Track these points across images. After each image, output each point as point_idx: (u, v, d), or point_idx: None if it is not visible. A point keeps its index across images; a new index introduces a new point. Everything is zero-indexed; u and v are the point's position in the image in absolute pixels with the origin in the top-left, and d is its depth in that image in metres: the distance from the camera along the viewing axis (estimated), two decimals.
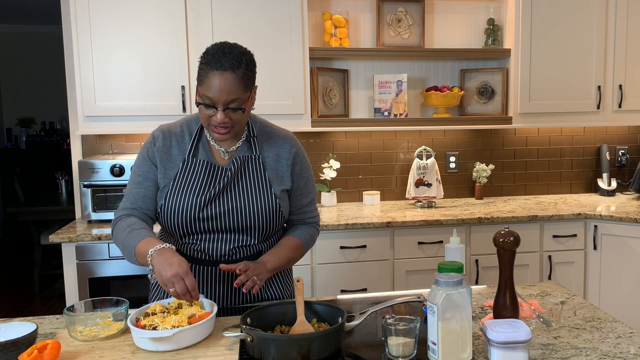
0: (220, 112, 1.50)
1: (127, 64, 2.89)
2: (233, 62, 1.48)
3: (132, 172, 1.66)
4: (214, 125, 1.53)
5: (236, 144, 1.65)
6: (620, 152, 3.73)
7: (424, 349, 1.30)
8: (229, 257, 1.64)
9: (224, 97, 1.48)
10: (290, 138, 1.73)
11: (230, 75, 1.47)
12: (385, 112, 3.29)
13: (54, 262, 5.06)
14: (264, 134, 1.70)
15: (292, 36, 2.98)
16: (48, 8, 6.45)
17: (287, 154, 1.69)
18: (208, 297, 1.68)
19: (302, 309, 1.41)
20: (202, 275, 1.66)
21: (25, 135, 7.50)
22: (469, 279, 2.98)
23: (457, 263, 1.36)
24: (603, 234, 3.03)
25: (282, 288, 1.78)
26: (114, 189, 2.92)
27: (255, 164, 1.64)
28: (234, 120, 1.53)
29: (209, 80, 1.48)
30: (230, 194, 1.61)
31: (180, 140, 1.65)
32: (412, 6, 3.33)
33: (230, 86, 1.48)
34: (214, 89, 1.48)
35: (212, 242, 1.63)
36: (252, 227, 1.62)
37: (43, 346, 1.25)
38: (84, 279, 2.70)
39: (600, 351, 1.32)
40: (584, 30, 3.24)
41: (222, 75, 1.47)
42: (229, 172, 1.61)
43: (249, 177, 1.63)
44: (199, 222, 1.59)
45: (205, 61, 1.51)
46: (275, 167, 1.67)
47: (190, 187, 1.59)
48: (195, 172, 1.61)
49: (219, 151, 1.65)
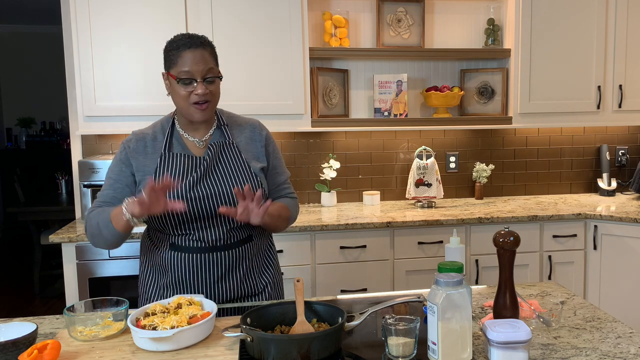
0: (200, 83, 1.59)
1: (127, 64, 2.89)
2: (200, 41, 1.62)
3: (105, 177, 1.71)
4: (195, 102, 1.61)
5: (208, 132, 1.72)
6: (620, 152, 3.73)
7: (424, 349, 1.30)
8: (224, 242, 1.67)
9: (201, 67, 1.59)
10: (258, 123, 1.83)
11: (202, 49, 1.60)
12: (385, 112, 3.29)
13: (54, 262, 5.06)
14: (233, 122, 1.78)
15: (292, 36, 2.98)
16: (48, 8, 6.45)
17: (259, 136, 1.79)
18: (207, 285, 1.68)
19: (302, 309, 1.41)
20: (201, 264, 1.67)
21: (25, 135, 7.50)
22: (469, 279, 2.98)
23: (457, 263, 1.36)
24: (603, 234, 3.03)
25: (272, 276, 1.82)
26: None
27: (230, 149, 1.72)
28: (212, 92, 1.62)
29: (182, 59, 1.59)
30: (212, 178, 1.66)
31: (154, 139, 1.71)
32: (412, 6, 3.33)
33: (205, 58, 1.60)
34: (190, 63, 1.58)
35: (204, 229, 1.66)
36: None
37: (43, 346, 1.25)
38: (84, 279, 2.70)
39: (600, 351, 1.32)
40: (584, 30, 3.24)
41: (195, 50, 1.59)
42: (206, 159, 1.67)
43: (227, 161, 1.70)
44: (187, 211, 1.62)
45: (173, 47, 1.61)
46: (249, 149, 1.75)
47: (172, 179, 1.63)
48: (174, 164, 1.66)
49: (193, 142, 1.71)
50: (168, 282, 1.71)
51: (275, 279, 1.85)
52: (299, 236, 2.82)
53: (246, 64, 2.97)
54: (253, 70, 2.98)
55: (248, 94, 2.99)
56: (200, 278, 1.68)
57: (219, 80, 1.64)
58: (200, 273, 1.68)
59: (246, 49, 2.97)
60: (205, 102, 1.62)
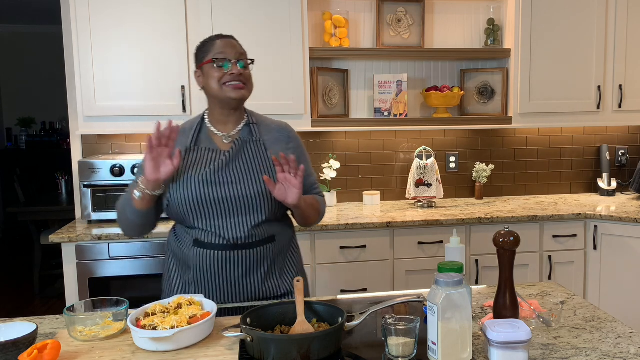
0: (234, 64, 1.67)
1: (127, 64, 2.89)
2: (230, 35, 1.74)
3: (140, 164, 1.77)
4: (231, 82, 1.67)
5: (237, 128, 1.75)
6: (620, 152, 3.73)
7: (424, 349, 1.30)
8: (246, 240, 1.67)
9: (235, 50, 1.69)
10: (286, 125, 1.85)
11: (232, 39, 1.72)
12: (385, 112, 3.29)
13: (54, 262, 5.07)
14: (262, 122, 1.81)
15: (292, 36, 2.98)
16: (48, 8, 6.45)
17: (286, 138, 1.80)
18: (229, 283, 1.69)
19: (302, 309, 1.41)
20: (223, 261, 1.67)
21: (25, 135, 7.50)
22: (469, 279, 2.98)
23: (457, 263, 1.36)
24: (603, 234, 3.03)
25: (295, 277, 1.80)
26: (114, 189, 2.92)
27: (256, 145, 1.74)
28: (245, 76, 1.69)
29: (216, 45, 1.69)
30: (234, 172, 1.68)
31: (182, 135, 1.74)
32: (412, 6, 3.33)
33: (237, 45, 1.71)
34: (224, 47, 1.68)
35: (227, 226, 1.66)
36: (260, 203, 1.67)
37: (43, 346, 1.25)
38: (84, 279, 2.70)
39: (600, 351, 1.32)
40: (584, 30, 3.24)
41: (226, 39, 1.71)
42: (229, 151, 1.70)
43: (251, 156, 1.71)
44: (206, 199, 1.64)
45: (206, 41, 1.73)
46: (276, 149, 1.76)
47: (194, 169, 1.67)
48: (198, 158, 1.70)
49: (220, 138, 1.74)
50: (191, 278, 1.72)
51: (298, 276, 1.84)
52: (299, 236, 2.82)
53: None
54: (253, 70, 2.97)
55: None
56: (222, 275, 1.68)
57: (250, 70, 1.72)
58: (222, 270, 1.68)
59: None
60: (240, 82, 1.68)
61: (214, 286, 1.69)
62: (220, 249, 1.66)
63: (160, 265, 2.74)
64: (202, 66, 1.71)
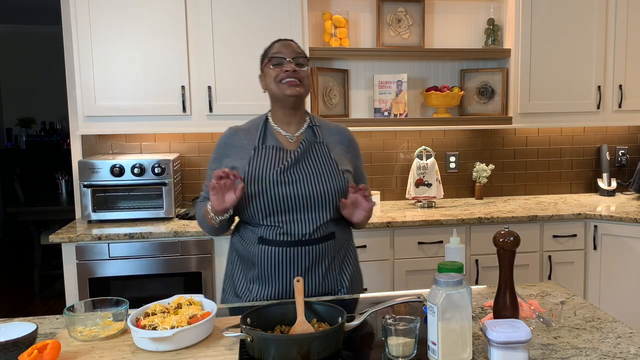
0: (289, 62, 1.73)
1: (127, 64, 2.89)
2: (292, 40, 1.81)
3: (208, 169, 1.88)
4: (286, 79, 1.73)
5: (300, 129, 1.82)
6: (620, 152, 3.73)
7: (424, 349, 1.30)
8: (309, 237, 1.72)
9: (290, 49, 1.75)
10: (345, 128, 1.92)
11: (291, 42, 1.79)
12: (385, 112, 3.29)
13: (54, 262, 5.06)
14: (323, 125, 1.88)
15: (292, 36, 2.98)
16: (48, 8, 6.45)
17: (347, 141, 1.88)
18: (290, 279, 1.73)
19: (302, 308, 1.41)
20: (287, 257, 1.72)
21: (25, 135, 7.50)
22: (469, 279, 2.98)
23: (457, 263, 1.36)
24: (603, 234, 3.03)
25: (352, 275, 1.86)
26: (114, 189, 2.92)
27: (320, 147, 1.80)
28: (301, 75, 1.74)
29: (273, 47, 1.78)
30: (302, 169, 1.74)
31: (248, 133, 1.82)
32: (412, 6, 3.34)
33: (294, 45, 1.78)
34: (281, 47, 1.76)
35: (291, 222, 1.71)
36: (325, 201, 1.73)
37: (43, 346, 1.25)
38: (84, 279, 2.70)
39: (600, 351, 1.32)
40: (584, 30, 3.24)
41: (284, 41, 1.78)
42: (297, 151, 1.76)
43: (317, 157, 1.78)
44: (276, 197, 1.70)
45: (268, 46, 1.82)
46: (337, 151, 1.83)
47: (263, 166, 1.73)
48: (266, 155, 1.75)
49: (285, 137, 1.80)
50: (255, 275, 1.76)
51: (355, 274, 1.89)
52: None
53: (246, 64, 2.97)
54: (253, 70, 2.98)
55: (248, 94, 2.99)
56: (285, 272, 1.73)
57: (307, 69, 1.77)
58: (285, 266, 1.73)
59: (246, 49, 2.97)
60: (295, 79, 1.73)
61: (277, 282, 1.74)
62: (284, 245, 1.72)
63: (161, 266, 2.74)
64: (263, 68, 1.81)
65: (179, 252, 2.75)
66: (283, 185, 1.70)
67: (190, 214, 2.98)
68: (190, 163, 3.33)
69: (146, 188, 2.95)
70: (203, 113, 2.98)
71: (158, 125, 2.96)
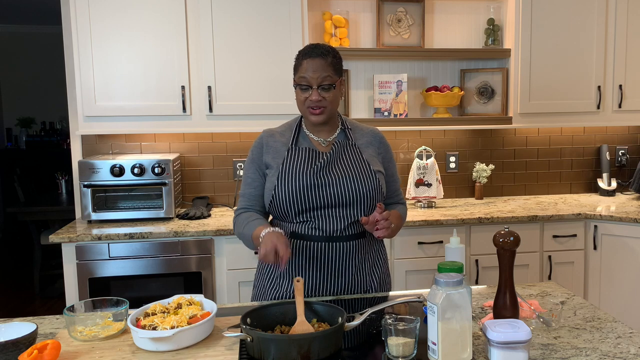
0: (315, 90, 1.72)
1: (127, 64, 2.89)
2: (322, 51, 1.75)
3: (243, 174, 1.89)
4: (310, 107, 1.75)
5: (333, 134, 1.85)
6: (620, 152, 3.73)
7: (424, 349, 1.30)
8: (340, 234, 1.77)
9: (317, 75, 1.72)
10: (378, 130, 1.95)
11: (320, 59, 1.73)
12: (385, 112, 3.29)
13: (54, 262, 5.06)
14: (355, 127, 1.91)
15: (292, 36, 2.98)
16: (48, 8, 6.45)
17: (378, 142, 1.91)
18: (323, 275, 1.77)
19: (302, 309, 1.41)
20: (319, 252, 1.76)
21: (25, 135, 7.49)
22: (469, 279, 2.98)
23: (457, 263, 1.36)
24: (603, 234, 3.03)
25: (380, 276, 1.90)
26: (114, 189, 2.92)
27: (352, 149, 1.84)
28: (327, 99, 1.74)
29: (302, 66, 1.74)
30: (335, 170, 1.78)
31: (282, 136, 1.86)
32: (412, 6, 3.34)
33: (321, 67, 1.73)
34: (307, 71, 1.73)
35: (324, 218, 1.76)
36: (357, 200, 1.77)
37: (43, 346, 1.25)
38: (84, 279, 2.70)
39: (600, 351, 1.32)
40: (584, 30, 3.24)
41: (313, 60, 1.73)
42: (330, 152, 1.80)
43: (348, 158, 1.82)
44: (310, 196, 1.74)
45: (298, 56, 1.77)
46: (369, 152, 1.87)
47: (296, 166, 1.77)
48: (300, 156, 1.79)
49: (318, 142, 1.83)
50: (286, 271, 1.80)
51: (383, 275, 1.93)
52: None
53: (246, 64, 2.97)
54: (253, 70, 2.98)
55: (248, 94, 2.99)
56: (317, 267, 1.77)
57: (335, 88, 1.76)
58: (317, 261, 1.77)
59: (246, 49, 2.97)
60: (319, 107, 1.74)
61: (308, 278, 1.78)
62: (317, 240, 1.76)
63: (161, 266, 2.74)
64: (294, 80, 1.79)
65: (179, 252, 2.75)
66: (316, 186, 1.74)
67: (190, 214, 2.98)
68: (190, 163, 3.33)
69: (146, 188, 2.95)
70: (203, 113, 2.98)
71: (158, 125, 2.96)
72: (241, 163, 3.35)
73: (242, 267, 2.78)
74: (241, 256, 2.78)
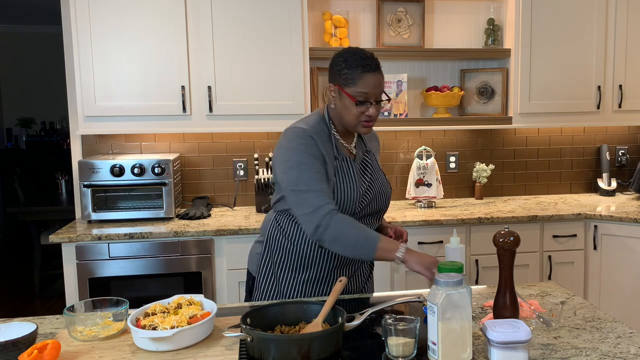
0: (374, 105, 1.71)
1: (127, 64, 2.89)
2: (376, 64, 1.72)
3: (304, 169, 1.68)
4: (364, 121, 1.72)
5: (354, 140, 1.87)
6: (620, 152, 3.73)
7: (424, 349, 1.30)
8: None
9: (377, 91, 1.71)
10: (375, 132, 2.02)
11: (379, 74, 1.71)
12: (385, 112, 3.29)
13: (54, 262, 5.06)
14: None
15: (292, 36, 2.98)
16: (48, 8, 6.45)
17: (377, 145, 1.99)
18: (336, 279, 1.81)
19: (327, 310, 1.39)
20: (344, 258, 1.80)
21: (25, 135, 7.49)
22: (469, 279, 2.98)
23: (457, 263, 1.36)
24: (603, 234, 3.03)
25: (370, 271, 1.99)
26: (114, 189, 2.92)
27: (370, 155, 1.90)
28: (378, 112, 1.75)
29: (363, 81, 1.68)
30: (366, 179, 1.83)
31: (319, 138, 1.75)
32: (412, 6, 3.34)
33: (380, 83, 1.72)
34: (370, 86, 1.69)
35: None
36: (385, 208, 1.89)
37: (43, 346, 1.25)
38: (84, 279, 2.70)
39: (600, 351, 1.32)
40: (584, 30, 3.24)
41: (375, 75, 1.70)
42: (362, 162, 1.85)
43: (373, 166, 1.89)
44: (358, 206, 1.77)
45: (352, 66, 1.68)
46: (377, 157, 1.95)
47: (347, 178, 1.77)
48: (345, 166, 1.79)
49: (347, 148, 1.84)
50: (308, 277, 1.81)
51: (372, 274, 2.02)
52: None
53: (246, 64, 2.97)
54: (253, 70, 2.98)
55: (248, 94, 2.99)
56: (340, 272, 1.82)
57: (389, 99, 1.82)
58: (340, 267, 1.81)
59: (246, 49, 2.97)
60: (373, 121, 1.74)
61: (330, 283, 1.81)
62: None
63: (161, 266, 2.74)
64: (340, 89, 1.71)
65: (179, 252, 2.75)
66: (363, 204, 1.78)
67: (190, 214, 2.98)
68: (190, 163, 3.33)
69: (146, 188, 2.95)
70: (203, 113, 2.98)
71: (158, 125, 2.96)
72: (241, 163, 3.34)
73: (242, 267, 2.78)
74: (241, 256, 2.78)
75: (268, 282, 1.85)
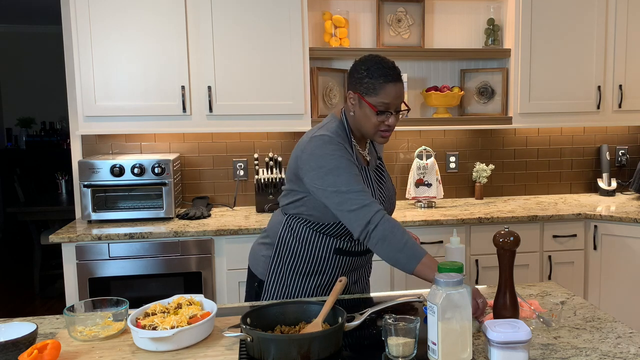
0: (394, 115, 1.70)
1: (127, 64, 2.89)
2: (398, 73, 1.71)
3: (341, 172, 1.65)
4: (383, 130, 1.72)
5: (367, 147, 1.87)
6: (620, 152, 3.73)
7: (424, 349, 1.30)
8: None
9: (398, 102, 1.70)
10: None
11: (400, 84, 1.70)
12: None
13: (54, 262, 5.06)
14: None
15: (292, 36, 2.98)
16: (48, 8, 6.45)
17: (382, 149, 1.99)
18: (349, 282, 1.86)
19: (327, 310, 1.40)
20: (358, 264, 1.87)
21: (25, 135, 7.49)
22: (469, 279, 2.98)
23: (457, 263, 1.36)
24: (603, 234, 3.03)
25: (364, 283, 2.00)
26: (114, 189, 2.92)
27: (381, 162, 1.92)
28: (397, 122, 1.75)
29: (385, 91, 1.67)
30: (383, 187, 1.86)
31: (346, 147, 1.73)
32: (412, 6, 3.33)
33: (401, 93, 1.71)
34: (392, 96, 1.68)
35: None
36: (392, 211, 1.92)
37: (43, 346, 1.25)
38: (84, 279, 2.70)
39: (600, 351, 1.32)
40: (584, 30, 3.24)
41: (396, 85, 1.69)
42: (375, 170, 1.87)
43: (385, 173, 1.91)
44: None
45: (375, 75, 1.67)
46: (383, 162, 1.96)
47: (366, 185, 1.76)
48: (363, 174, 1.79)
49: (362, 155, 1.84)
50: (320, 282, 1.84)
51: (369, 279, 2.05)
52: None
53: (246, 64, 2.97)
54: (253, 70, 2.98)
55: (248, 94, 2.99)
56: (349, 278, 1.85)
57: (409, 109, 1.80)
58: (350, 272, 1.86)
59: (246, 49, 2.97)
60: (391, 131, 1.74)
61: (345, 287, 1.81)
62: (357, 254, 1.84)
63: (161, 266, 2.74)
64: (360, 97, 1.69)
65: (179, 252, 2.75)
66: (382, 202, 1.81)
67: (190, 214, 2.98)
68: (190, 163, 3.33)
69: (146, 188, 2.95)
70: (203, 113, 2.98)
71: (158, 125, 2.96)
72: (241, 163, 3.34)
73: (242, 267, 2.78)
74: (241, 256, 2.78)
75: (278, 286, 1.84)
